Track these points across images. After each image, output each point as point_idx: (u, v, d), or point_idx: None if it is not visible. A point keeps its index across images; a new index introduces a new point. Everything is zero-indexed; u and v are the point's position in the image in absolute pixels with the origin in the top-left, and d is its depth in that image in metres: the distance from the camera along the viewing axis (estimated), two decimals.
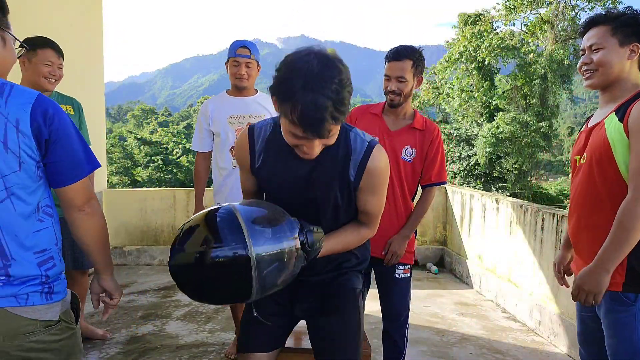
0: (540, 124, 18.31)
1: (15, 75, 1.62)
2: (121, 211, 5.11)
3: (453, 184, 17.59)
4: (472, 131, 19.49)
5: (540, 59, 18.59)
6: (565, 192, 25.22)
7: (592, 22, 1.73)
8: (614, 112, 1.66)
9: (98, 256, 1.41)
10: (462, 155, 19.58)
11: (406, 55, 2.20)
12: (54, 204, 1.32)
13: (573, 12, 18.91)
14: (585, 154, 1.73)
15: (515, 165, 18.28)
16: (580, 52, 1.77)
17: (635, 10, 1.70)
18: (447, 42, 21.32)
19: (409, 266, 2.36)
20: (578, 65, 1.78)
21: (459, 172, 19.60)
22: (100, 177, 5.13)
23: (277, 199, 1.55)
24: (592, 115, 1.87)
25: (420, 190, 2.42)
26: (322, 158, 1.43)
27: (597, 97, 1.83)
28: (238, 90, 2.81)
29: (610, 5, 18.63)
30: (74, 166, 1.28)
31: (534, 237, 3.56)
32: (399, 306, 2.37)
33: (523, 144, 17.79)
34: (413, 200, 2.39)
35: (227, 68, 2.81)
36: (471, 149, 19.21)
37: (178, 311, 3.73)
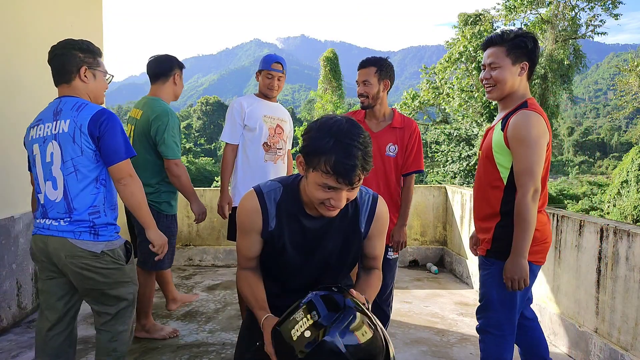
0: None
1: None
2: (121, 211, 5.09)
3: (453, 184, 17.57)
4: (472, 131, 19.48)
5: (540, 59, 18.56)
6: (565, 192, 25.22)
7: (490, 42, 2.09)
8: (501, 120, 2.08)
9: (137, 216, 2.06)
10: (462, 155, 19.57)
11: (371, 63, 2.59)
12: (108, 178, 2.02)
13: (573, 12, 18.89)
14: (480, 152, 2.19)
15: None
16: (482, 67, 2.14)
17: (525, 33, 2.06)
18: (447, 42, 21.30)
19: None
20: (480, 78, 2.16)
21: (459, 172, 19.59)
22: None
23: (285, 259, 1.62)
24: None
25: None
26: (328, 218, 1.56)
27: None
28: (267, 97, 3.08)
29: (610, 6, 18.65)
30: (114, 153, 1.95)
31: None
32: (389, 282, 2.73)
33: None
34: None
35: (257, 77, 3.08)
36: (471, 149, 19.20)
37: (178, 311, 3.73)
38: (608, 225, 2.78)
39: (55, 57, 2.04)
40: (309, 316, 1.32)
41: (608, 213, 17.93)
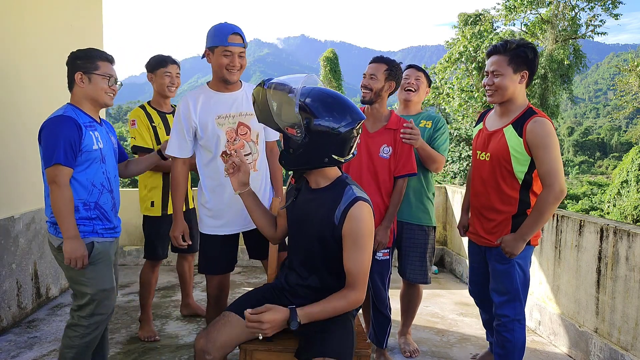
0: None
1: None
2: (121, 211, 5.08)
3: (453, 184, 17.56)
4: (472, 131, 19.46)
5: (541, 59, 18.57)
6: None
7: (494, 51, 2.26)
8: (511, 125, 2.24)
9: (58, 223, 2.11)
10: (462, 155, 19.53)
11: (383, 61, 2.60)
12: (73, 180, 2.15)
13: (573, 12, 18.89)
14: (488, 153, 2.33)
15: None
16: (484, 73, 2.32)
17: (527, 43, 2.21)
18: (447, 42, 21.30)
19: (389, 249, 2.69)
20: (482, 83, 2.32)
21: (459, 172, 19.58)
22: None
23: (292, 234, 1.92)
24: (485, 113, 2.49)
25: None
26: (319, 197, 1.78)
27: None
28: (225, 84, 2.35)
29: (610, 6, 18.64)
30: (45, 159, 2.11)
31: None
32: (381, 284, 2.68)
33: None
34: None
35: (208, 58, 2.33)
36: (471, 149, 19.19)
37: (178, 311, 3.73)
38: (608, 225, 2.78)
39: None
40: None
41: (608, 213, 17.92)
